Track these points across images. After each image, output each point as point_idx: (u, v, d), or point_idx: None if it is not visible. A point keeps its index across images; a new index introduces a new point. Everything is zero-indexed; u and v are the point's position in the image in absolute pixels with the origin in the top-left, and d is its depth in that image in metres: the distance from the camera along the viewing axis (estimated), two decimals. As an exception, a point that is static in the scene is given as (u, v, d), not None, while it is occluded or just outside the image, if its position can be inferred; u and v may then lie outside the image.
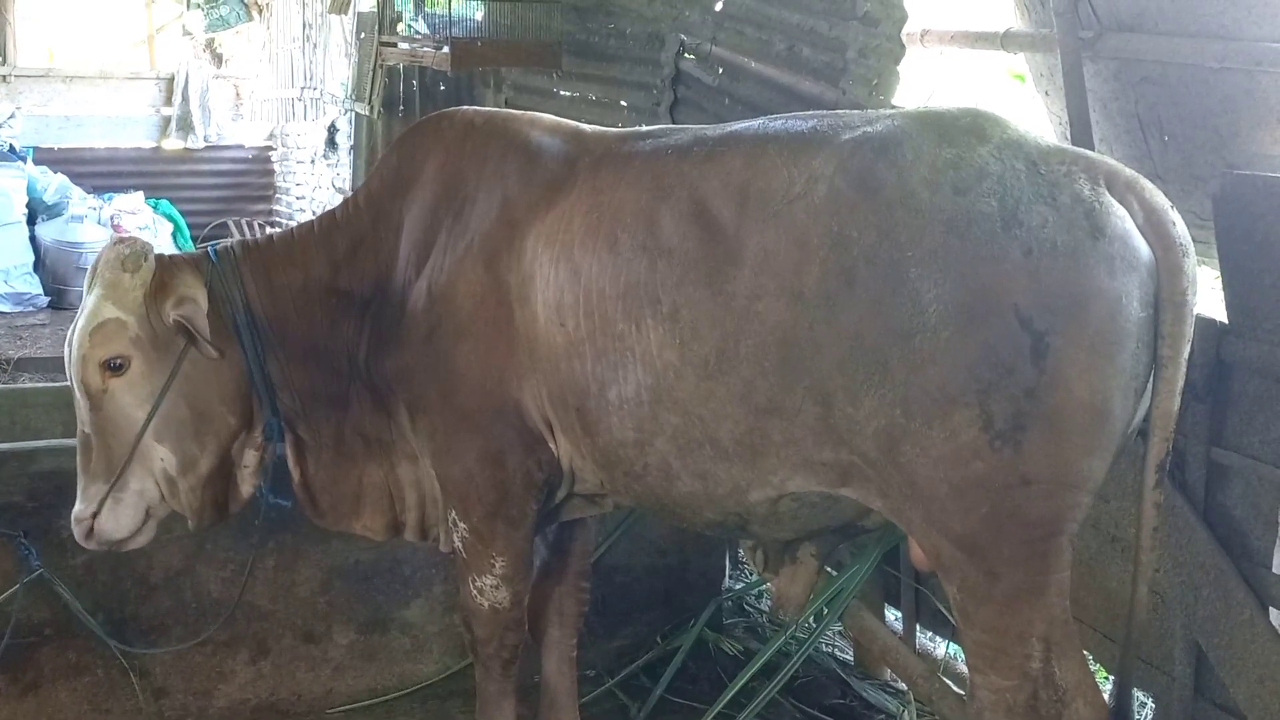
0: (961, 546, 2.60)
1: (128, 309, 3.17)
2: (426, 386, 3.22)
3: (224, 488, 3.37)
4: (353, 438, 3.41)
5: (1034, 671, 2.60)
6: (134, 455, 3.19)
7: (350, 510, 3.47)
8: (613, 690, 4.30)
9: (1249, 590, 3.08)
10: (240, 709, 4.07)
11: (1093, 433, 2.53)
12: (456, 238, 3.18)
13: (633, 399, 2.94)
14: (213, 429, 3.27)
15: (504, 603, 3.35)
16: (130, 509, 3.23)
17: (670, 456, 2.95)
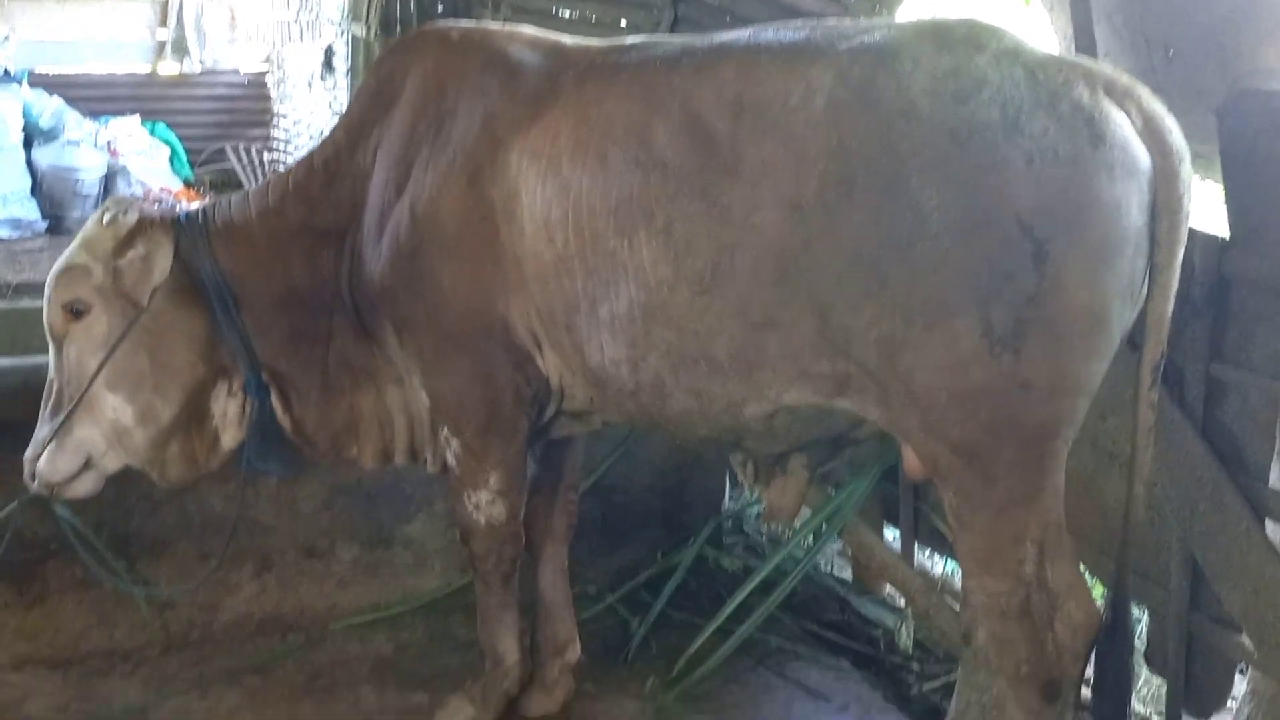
0: (959, 453, 2.62)
1: (95, 257, 3.22)
2: (412, 306, 3.21)
3: (196, 441, 3.39)
4: (339, 370, 3.41)
5: (1027, 575, 2.64)
6: (81, 402, 3.23)
7: (345, 441, 3.48)
8: (614, 606, 4.34)
9: (1245, 504, 3.11)
10: (245, 622, 4.11)
11: (1091, 338, 2.55)
12: (438, 155, 3.15)
13: (625, 316, 2.93)
14: (177, 378, 3.30)
15: (500, 517, 3.38)
16: (67, 455, 3.28)
17: (664, 373, 2.95)
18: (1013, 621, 2.66)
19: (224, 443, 3.42)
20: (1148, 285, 2.61)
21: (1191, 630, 3.35)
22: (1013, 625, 2.67)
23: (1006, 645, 2.69)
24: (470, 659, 3.75)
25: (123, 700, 3.70)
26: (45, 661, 3.87)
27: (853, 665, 4.10)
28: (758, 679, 3.96)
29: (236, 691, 3.77)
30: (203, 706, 3.69)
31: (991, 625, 2.70)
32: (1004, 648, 2.69)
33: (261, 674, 3.87)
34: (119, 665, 3.90)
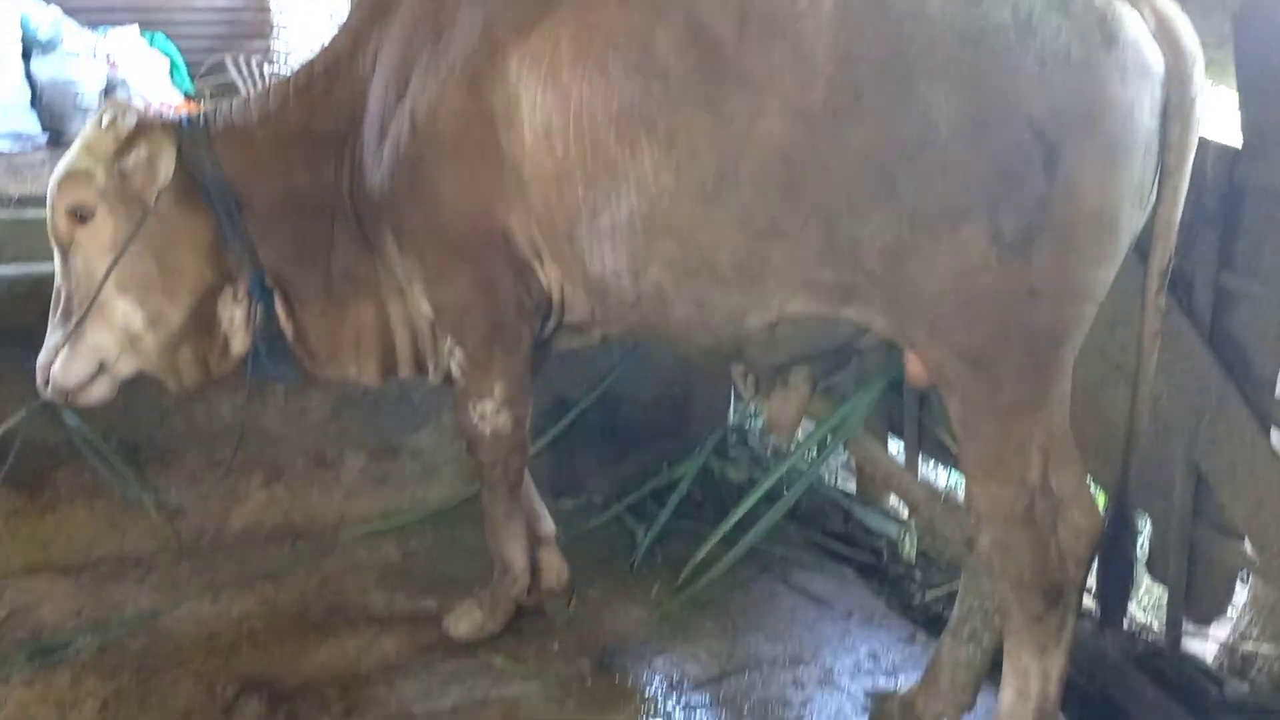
0: (966, 360, 2.62)
1: (97, 160, 3.20)
2: (412, 214, 3.20)
3: (207, 346, 3.40)
4: (341, 280, 3.41)
5: (1032, 481, 2.65)
6: (93, 306, 3.23)
7: (347, 356, 3.49)
8: (620, 516, 4.39)
9: (1251, 413, 3.12)
10: (255, 530, 4.15)
11: (1101, 243, 2.54)
12: (437, 61, 3.12)
13: (626, 226, 2.92)
14: (184, 283, 3.29)
15: (505, 427, 3.39)
16: (81, 360, 3.29)
17: (665, 284, 2.95)
18: (1016, 527, 2.68)
19: (233, 348, 3.42)
20: (1157, 189, 2.59)
21: (1194, 539, 3.38)
22: (1016, 531, 2.68)
23: (1010, 551, 2.70)
24: (478, 566, 3.80)
25: (135, 605, 3.74)
26: (58, 567, 3.91)
27: (856, 574, 4.14)
28: (762, 586, 4.01)
29: (248, 597, 3.82)
30: (214, 611, 3.73)
31: (995, 531, 2.71)
32: (1007, 553, 2.71)
33: (272, 581, 3.92)
34: (130, 571, 3.94)
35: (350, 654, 3.53)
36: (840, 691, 3.43)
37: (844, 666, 3.56)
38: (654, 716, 3.29)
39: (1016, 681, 2.77)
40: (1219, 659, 3.56)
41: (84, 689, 3.31)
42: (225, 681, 3.34)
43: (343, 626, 3.67)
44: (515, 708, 3.30)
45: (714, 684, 3.45)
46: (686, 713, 3.31)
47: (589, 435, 4.53)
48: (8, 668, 3.39)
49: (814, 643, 3.69)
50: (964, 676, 3.13)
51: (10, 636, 3.55)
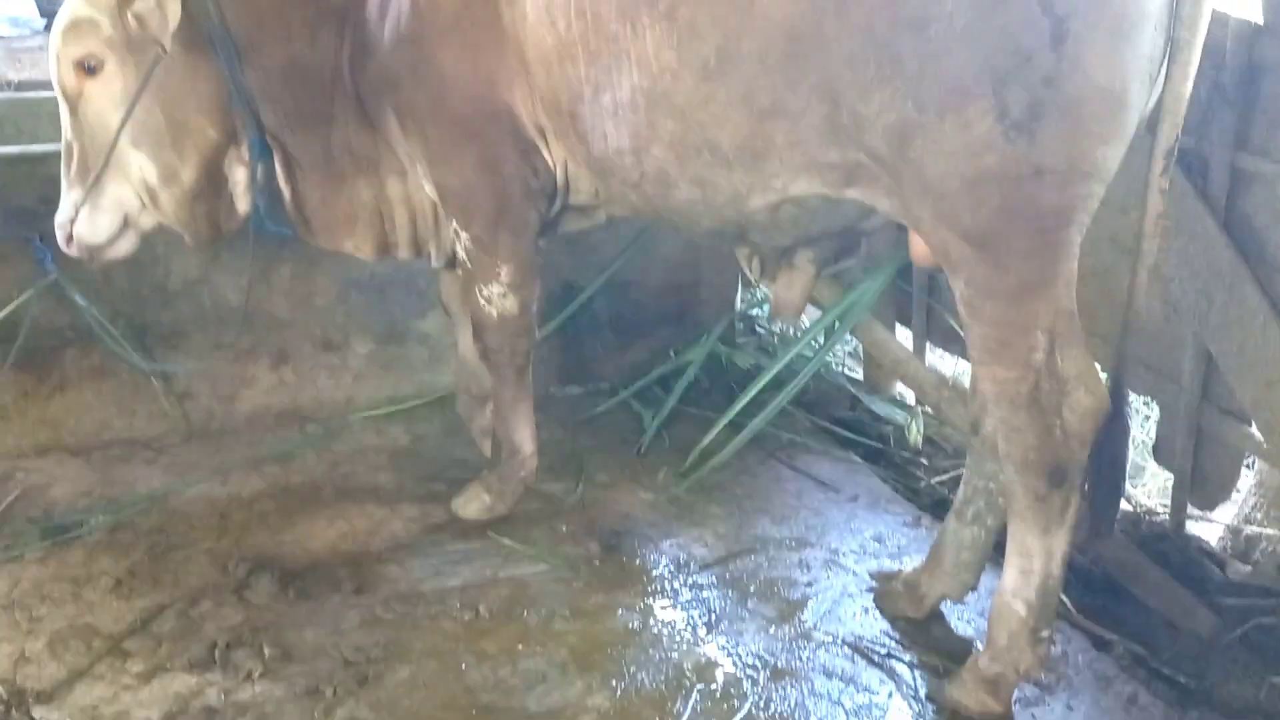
0: (971, 241, 2.58)
1: (101, 9, 3.13)
2: (415, 92, 3.15)
3: (217, 204, 3.37)
4: (341, 155, 3.38)
5: (1038, 363, 2.62)
6: (110, 160, 3.19)
7: (343, 230, 3.47)
8: (627, 402, 4.40)
9: (1264, 296, 3.10)
10: (263, 414, 4.17)
11: (1109, 120, 2.49)
12: None
13: (628, 104, 2.88)
14: (191, 140, 3.26)
15: (513, 310, 3.39)
16: (107, 215, 3.26)
17: (668, 164, 2.92)
18: (1021, 409, 2.66)
19: (238, 208, 3.41)
20: (1167, 65, 2.53)
21: (1201, 424, 3.38)
22: (1021, 413, 2.66)
23: (1014, 432, 2.69)
24: (487, 449, 3.81)
25: (146, 486, 3.77)
26: (68, 448, 3.94)
27: (862, 459, 4.16)
28: (769, 470, 4.03)
29: (257, 479, 3.85)
30: (225, 493, 3.76)
31: (1000, 412, 2.70)
32: (1012, 435, 2.70)
33: (282, 463, 3.94)
34: (140, 453, 3.97)
35: (360, 534, 3.57)
36: (845, 573, 3.46)
37: (849, 549, 3.59)
38: (661, 596, 3.32)
39: (1020, 561, 2.78)
40: (1223, 541, 3.59)
41: (97, 567, 3.35)
42: (237, 560, 3.38)
43: (352, 508, 3.70)
44: (524, 587, 3.33)
45: (720, 565, 3.48)
46: (693, 593, 3.35)
47: (596, 322, 4.52)
48: (21, 546, 3.42)
49: (820, 526, 3.72)
50: (968, 557, 3.15)
51: (23, 515, 3.59)
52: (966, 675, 2.89)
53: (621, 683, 2.96)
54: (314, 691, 2.88)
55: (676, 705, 2.88)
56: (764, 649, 3.11)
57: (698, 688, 2.94)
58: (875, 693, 2.97)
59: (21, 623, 3.11)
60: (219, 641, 3.04)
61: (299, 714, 2.81)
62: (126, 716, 2.79)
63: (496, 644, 3.09)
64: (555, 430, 4.18)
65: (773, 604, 3.31)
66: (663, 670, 3.01)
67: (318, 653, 3.03)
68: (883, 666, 3.06)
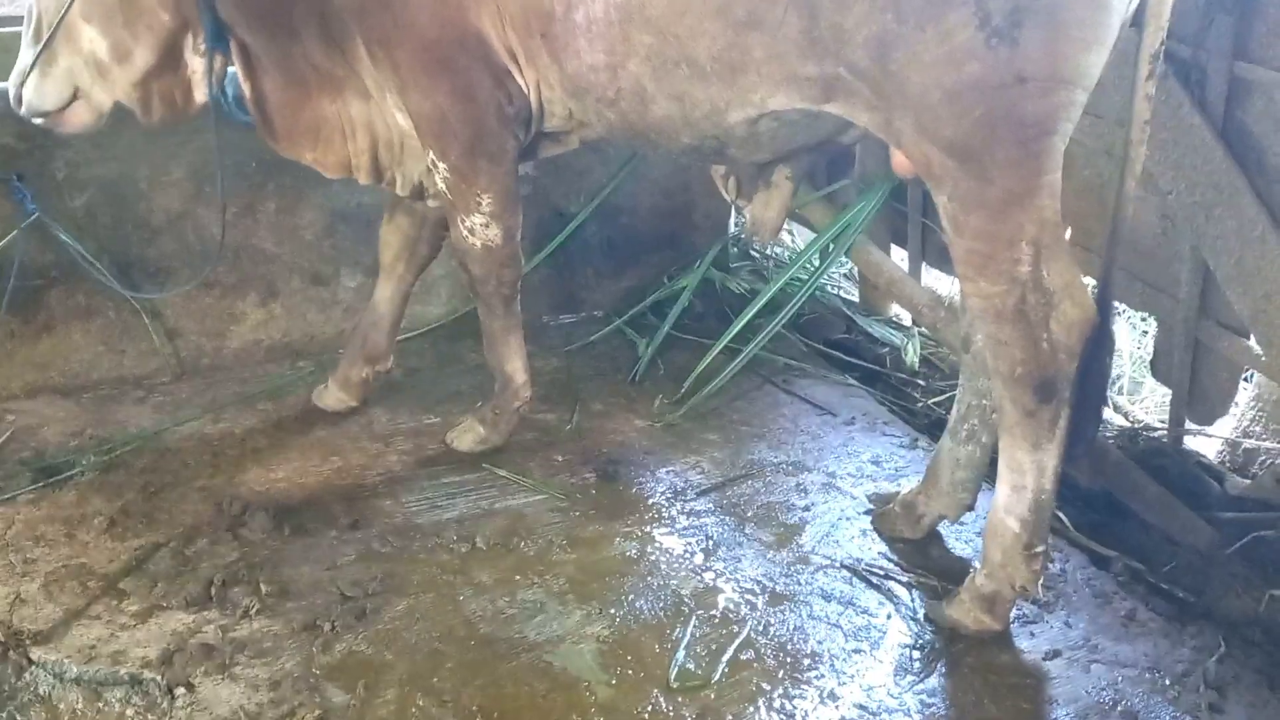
0: (953, 153, 2.55)
1: None
2: (383, 21, 3.09)
3: (172, 88, 3.30)
4: (303, 65, 3.29)
5: (1023, 275, 2.59)
6: (60, 27, 3.14)
7: (305, 140, 3.40)
8: (621, 328, 4.37)
9: (1262, 207, 3.06)
10: (253, 349, 4.14)
11: (1091, 25, 2.44)
12: None
13: (602, 19, 2.83)
14: (143, 20, 3.18)
15: (496, 239, 3.34)
16: (55, 83, 3.23)
17: (644, 79, 2.87)
18: (1008, 323, 2.64)
19: (195, 96, 3.33)
20: None
21: (1199, 338, 3.35)
22: (1008, 327, 2.65)
23: (1002, 347, 2.67)
24: (480, 382, 3.80)
25: (137, 425, 3.75)
26: (58, 389, 3.91)
27: (859, 382, 4.14)
28: (765, 395, 4.01)
29: (250, 416, 3.82)
30: (217, 430, 3.74)
31: (987, 327, 2.68)
32: (1000, 349, 2.68)
33: (274, 400, 3.92)
34: (130, 392, 3.94)
35: (354, 469, 3.55)
36: (843, 495, 3.45)
37: (846, 471, 3.58)
38: (659, 524, 3.31)
39: (1012, 477, 2.77)
40: (1221, 456, 3.57)
41: (90, 507, 3.34)
42: (231, 497, 3.36)
43: (346, 443, 3.68)
44: (520, 517, 3.32)
45: (718, 491, 3.47)
46: (690, 519, 3.33)
47: (587, 248, 4.48)
48: (13, 488, 3.40)
49: (816, 449, 3.70)
50: (963, 475, 3.14)
51: (14, 457, 3.57)
52: (963, 594, 2.89)
53: (620, 611, 2.95)
54: (312, 627, 2.88)
55: (675, 632, 2.88)
56: (762, 574, 3.10)
57: (696, 614, 2.94)
58: (874, 615, 2.96)
59: (16, 565, 3.10)
60: (215, 579, 3.03)
61: (297, 649, 2.81)
62: (124, 655, 2.78)
63: (493, 575, 3.08)
64: (549, 359, 4.16)
65: (770, 529, 3.30)
66: (661, 598, 3.00)
67: (315, 588, 3.02)
68: (881, 588, 3.06)
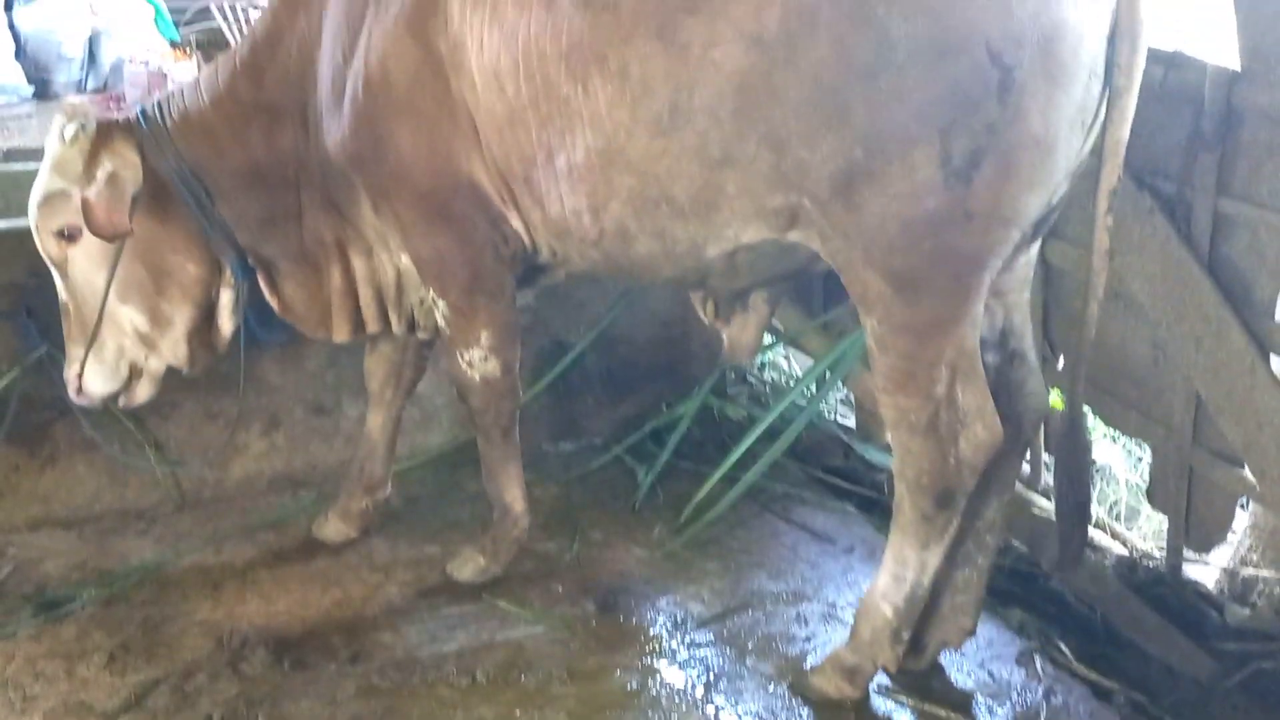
0: (893, 281, 2.67)
1: (71, 180, 3.20)
2: (379, 172, 3.18)
3: (209, 331, 3.45)
4: (314, 246, 3.41)
5: (938, 394, 2.75)
6: (103, 317, 3.28)
7: (324, 320, 3.51)
8: (620, 457, 4.39)
9: (1251, 339, 3.11)
10: (256, 480, 4.15)
11: (1037, 168, 2.57)
12: (382, 12, 3.07)
13: (583, 164, 2.90)
14: (176, 282, 3.34)
15: (495, 373, 3.39)
16: (110, 367, 3.37)
17: (626, 219, 2.95)
18: (919, 436, 2.79)
19: (225, 329, 3.47)
20: (1107, 110, 2.60)
21: (1193, 466, 3.39)
22: (918, 439, 2.80)
23: (910, 456, 2.84)
24: (480, 511, 3.80)
25: (138, 558, 3.74)
26: (60, 522, 3.91)
27: (857, 509, 4.15)
28: (764, 524, 4.02)
29: (251, 547, 3.82)
30: (218, 562, 3.74)
31: (899, 436, 2.84)
32: (907, 458, 2.84)
33: (275, 530, 3.92)
34: (133, 524, 3.94)
35: (355, 601, 3.55)
36: (844, 626, 3.43)
37: (846, 601, 3.57)
38: (659, 656, 3.31)
39: (895, 567, 2.97)
40: (1219, 585, 3.57)
41: (91, 642, 3.32)
42: (231, 631, 3.35)
43: (347, 574, 3.68)
44: (520, 650, 3.31)
45: (718, 622, 3.46)
46: (691, 651, 3.33)
47: (588, 377, 4.52)
48: (14, 623, 3.40)
49: (816, 579, 3.71)
50: (962, 600, 3.17)
51: (15, 592, 3.56)
52: (827, 664, 3.10)
53: (621, 747, 2.94)
54: (311, 765, 2.86)
55: (677, 768, 2.87)
56: (763, 707, 3.09)
57: (697, 750, 2.93)
58: (876, 749, 2.95)
59: (15, 701, 3.08)
60: (214, 716, 3.01)
61: (296, 788, 2.79)
62: (122, 795, 2.76)
63: (494, 710, 3.06)
64: (548, 488, 4.17)
65: (771, 661, 3.29)
66: (662, 733, 2.99)
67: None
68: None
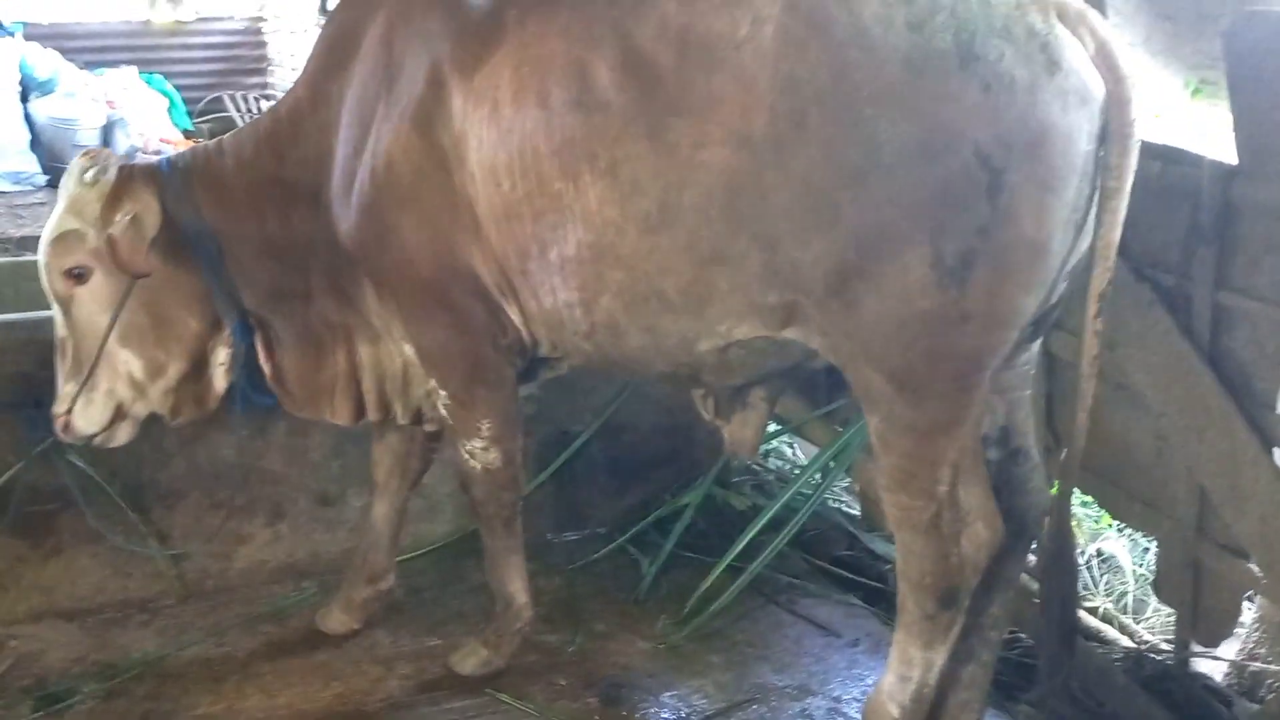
0: (893, 380, 2.67)
1: (87, 221, 3.24)
2: (382, 261, 3.22)
3: (201, 385, 3.47)
4: (320, 328, 3.44)
5: (941, 494, 2.74)
6: (100, 359, 3.30)
7: (323, 399, 3.53)
8: (624, 547, 4.37)
9: (1253, 431, 3.11)
10: (259, 570, 4.14)
11: (1032, 269, 2.58)
12: (391, 108, 3.13)
13: (574, 258, 2.94)
14: (175, 334, 3.37)
15: (496, 463, 3.39)
16: (99, 407, 3.36)
17: (617, 314, 2.97)
18: (921, 535, 2.78)
19: (217, 386, 3.48)
20: (1097, 212, 2.61)
21: (1199, 559, 3.36)
22: (920, 539, 2.79)
23: (912, 555, 2.82)
24: (483, 602, 3.78)
25: (140, 650, 3.73)
26: (62, 614, 3.89)
27: (863, 601, 4.12)
28: (769, 616, 3.99)
29: (253, 639, 3.81)
30: (220, 654, 3.72)
31: (902, 535, 2.83)
32: (909, 557, 2.83)
33: (278, 622, 3.91)
34: (135, 615, 3.93)
35: (357, 695, 3.52)
36: (849, 721, 3.42)
37: (852, 696, 3.54)
38: (662, 751, 3.28)
39: (901, 667, 2.94)
40: (1228, 679, 3.54)
41: (90, 736, 3.31)
42: (232, 725, 3.33)
43: (348, 667, 3.66)
44: (522, 745, 3.28)
45: (722, 717, 3.43)
46: (695, 746, 3.30)
47: (592, 465, 4.52)
48: (14, 717, 3.37)
49: (822, 672, 3.68)
50: (966, 696, 3.14)
51: (16, 685, 3.54)
52: None
53: (623, 846, 2.90)
54: None
55: None
56: (768, 806, 3.06)
57: None
58: None
59: (13, 798, 3.07)
60: (213, 813, 2.99)
61: None
62: None
63: (496, 807, 3.04)
64: (552, 578, 4.15)
65: (776, 757, 3.26)
66: (665, 832, 2.95)
67: (313, 823, 2.98)
68: (889, 821, 3.00)
